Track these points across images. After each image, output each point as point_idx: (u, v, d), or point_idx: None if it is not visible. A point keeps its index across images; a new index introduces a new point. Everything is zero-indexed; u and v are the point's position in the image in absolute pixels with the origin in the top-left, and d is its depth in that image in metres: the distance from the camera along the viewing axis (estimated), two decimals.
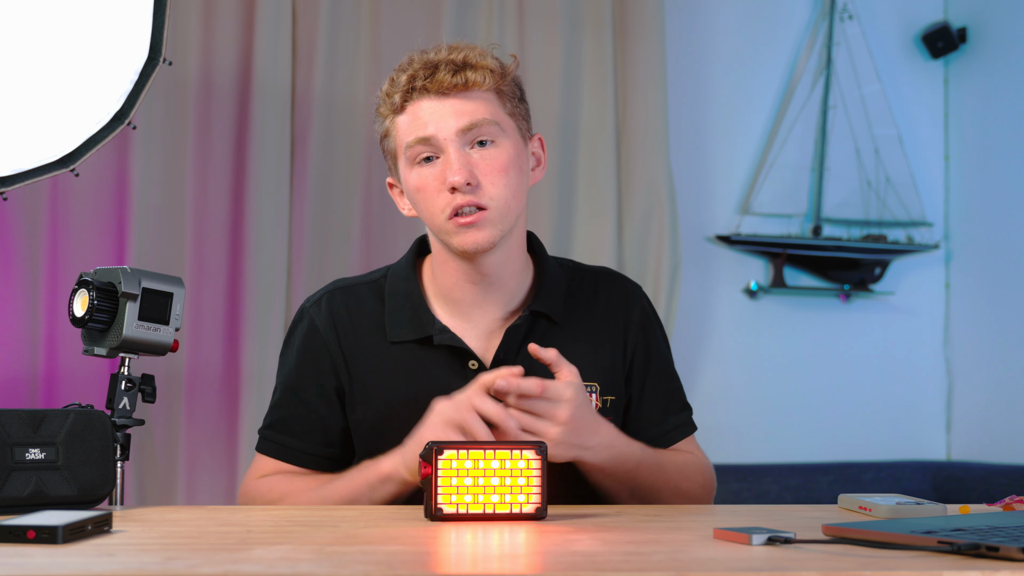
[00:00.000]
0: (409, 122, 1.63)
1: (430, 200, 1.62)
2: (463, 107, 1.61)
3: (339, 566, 1.07)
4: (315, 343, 1.71)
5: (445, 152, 1.61)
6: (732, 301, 3.73)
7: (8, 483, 1.37)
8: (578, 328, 1.72)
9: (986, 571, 1.03)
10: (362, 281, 1.77)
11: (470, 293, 1.68)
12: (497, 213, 1.62)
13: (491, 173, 1.61)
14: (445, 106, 1.61)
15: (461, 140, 1.61)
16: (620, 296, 1.78)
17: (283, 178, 3.16)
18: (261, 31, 3.15)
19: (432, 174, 1.62)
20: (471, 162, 1.61)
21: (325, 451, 1.71)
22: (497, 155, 1.62)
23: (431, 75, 1.60)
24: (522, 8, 3.42)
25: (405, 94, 1.62)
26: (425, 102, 1.61)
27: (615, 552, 1.16)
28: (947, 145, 3.94)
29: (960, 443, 3.85)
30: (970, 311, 3.85)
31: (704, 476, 1.75)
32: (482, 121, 1.61)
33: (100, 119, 2.13)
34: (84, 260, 2.96)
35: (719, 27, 3.77)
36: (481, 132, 1.61)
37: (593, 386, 1.69)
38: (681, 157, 3.61)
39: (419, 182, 1.63)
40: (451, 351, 1.67)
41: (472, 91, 1.62)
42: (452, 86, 1.60)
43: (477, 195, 1.60)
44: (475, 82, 1.61)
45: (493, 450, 1.37)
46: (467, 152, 1.61)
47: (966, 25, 3.88)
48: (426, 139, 1.61)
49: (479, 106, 1.62)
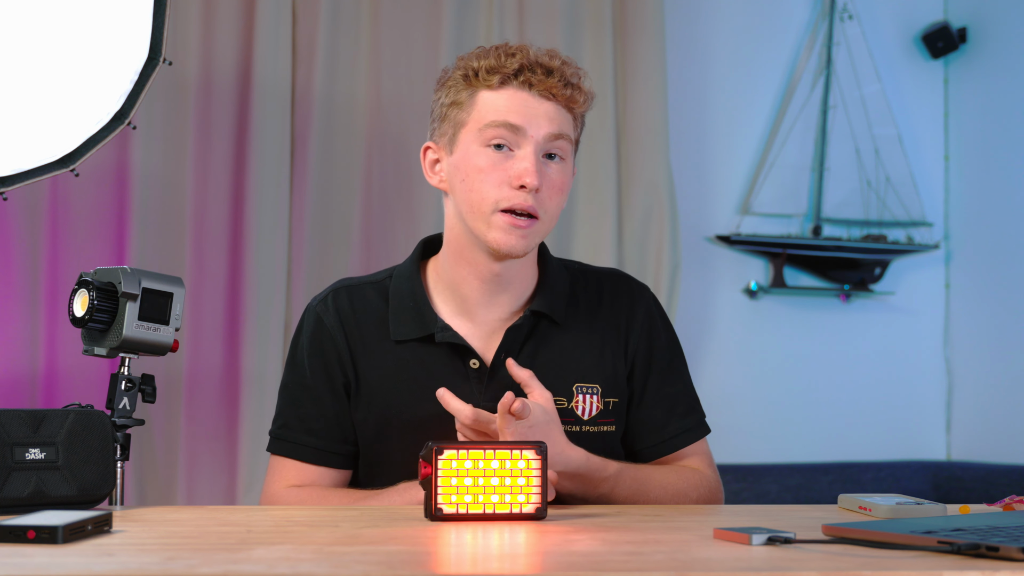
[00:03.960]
0: (504, 103, 1.63)
1: (486, 185, 1.62)
2: (557, 115, 1.64)
3: (339, 566, 1.07)
4: (324, 340, 1.71)
5: (524, 149, 1.62)
6: (732, 301, 3.73)
7: (8, 483, 1.37)
8: (581, 329, 1.72)
9: (986, 571, 1.03)
10: (367, 281, 1.76)
11: (478, 291, 1.68)
12: (545, 226, 1.65)
13: (552, 188, 1.64)
14: (543, 107, 1.63)
15: (542, 146, 1.63)
16: (624, 297, 1.77)
17: (283, 178, 3.16)
18: (261, 31, 3.15)
19: (502, 163, 1.62)
20: (542, 170, 1.63)
21: (343, 448, 1.70)
22: (561, 172, 1.66)
23: (546, 76, 1.63)
24: (522, 8, 3.42)
25: (509, 77, 1.63)
26: (526, 94, 1.63)
27: (615, 552, 1.16)
28: (947, 145, 3.94)
29: (960, 443, 3.85)
30: (970, 311, 3.85)
31: (700, 491, 1.72)
32: (565, 136, 1.65)
33: (100, 119, 2.13)
34: (84, 260, 2.96)
35: (719, 27, 3.76)
36: (559, 146, 1.65)
37: (595, 388, 1.68)
38: (681, 157, 3.61)
39: (486, 164, 1.63)
40: (453, 349, 1.67)
41: (569, 107, 1.66)
42: (558, 95, 1.63)
43: (536, 203, 1.62)
44: (575, 101, 1.66)
45: (493, 450, 1.37)
46: (541, 160, 1.63)
47: (966, 25, 3.88)
48: (514, 127, 1.62)
49: (566, 121, 1.65)
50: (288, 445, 1.71)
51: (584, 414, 1.68)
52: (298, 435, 1.70)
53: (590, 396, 1.69)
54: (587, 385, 1.68)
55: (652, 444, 1.73)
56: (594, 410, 1.69)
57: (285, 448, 1.71)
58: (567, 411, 1.67)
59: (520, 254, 1.63)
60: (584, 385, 1.68)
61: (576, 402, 1.68)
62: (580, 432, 1.66)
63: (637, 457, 1.73)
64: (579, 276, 1.78)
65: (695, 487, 1.71)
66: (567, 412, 1.67)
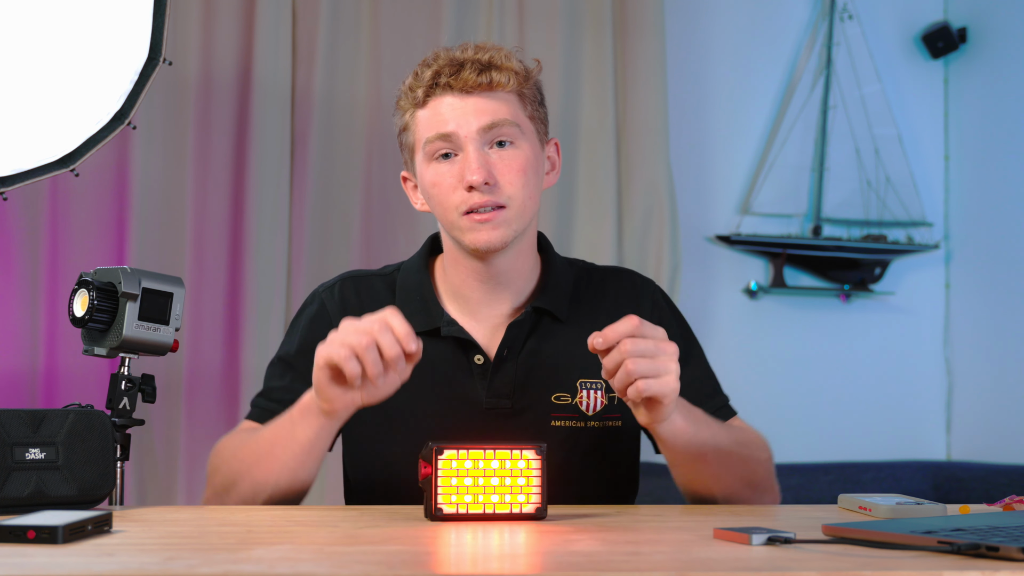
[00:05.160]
0: (430, 117, 1.63)
1: (445, 196, 1.63)
2: (485, 106, 1.62)
3: (339, 566, 1.07)
4: (323, 325, 1.70)
5: (464, 150, 1.61)
6: (732, 301, 3.73)
7: (8, 483, 1.37)
8: (584, 326, 1.71)
9: (986, 571, 1.03)
10: (376, 274, 1.77)
11: (479, 291, 1.69)
12: (514, 212, 1.62)
13: (509, 173, 1.62)
14: (467, 104, 1.61)
15: (481, 139, 1.61)
16: (628, 292, 1.77)
17: (283, 178, 3.16)
18: (261, 31, 3.15)
19: (449, 171, 1.62)
20: (489, 162, 1.61)
21: None
22: (515, 156, 1.63)
23: (456, 73, 1.61)
24: (522, 8, 3.42)
25: (428, 89, 1.62)
26: (448, 98, 1.62)
27: (615, 552, 1.16)
28: (947, 145, 3.94)
29: (960, 443, 3.85)
30: (970, 311, 3.85)
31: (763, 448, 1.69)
32: (503, 121, 1.62)
33: (100, 119, 2.13)
34: (84, 260, 2.96)
35: (719, 27, 3.76)
36: (501, 132, 1.62)
37: (599, 383, 1.68)
38: (681, 157, 3.61)
39: (435, 178, 1.63)
40: (457, 344, 1.67)
41: (495, 91, 1.63)
42: (476, 85, 1.61)
43: (495, 194, 1.61)
44: (499, 83, 1.62)
45: (493, 450, 1.37)
46: (486, 152, 1.62)
47: (966, 25, 3.88)
48: (446, 136, 1.61)
49: (500, 106, 1.63)
50: (258, 411, 1.69)
51: (588, 409, 1.68)
52: (272, 404, 1.68)
53: (594, 391, 1.69)
54: (591, 380, 1.68)
55: None
56: (598, 405, 1.69)
57: (255, 413, 1.69)
58: (571, 407, 1.67)
59: (498, 245, 1.62)
60: (588, 380, 1.68)
61: (580, 398, 1.68)
62: (584, 428, 1.67)
63: None
64: (583, 273, 1.78)
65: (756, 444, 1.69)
66: (571, 408, 1.67)
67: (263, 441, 1.57)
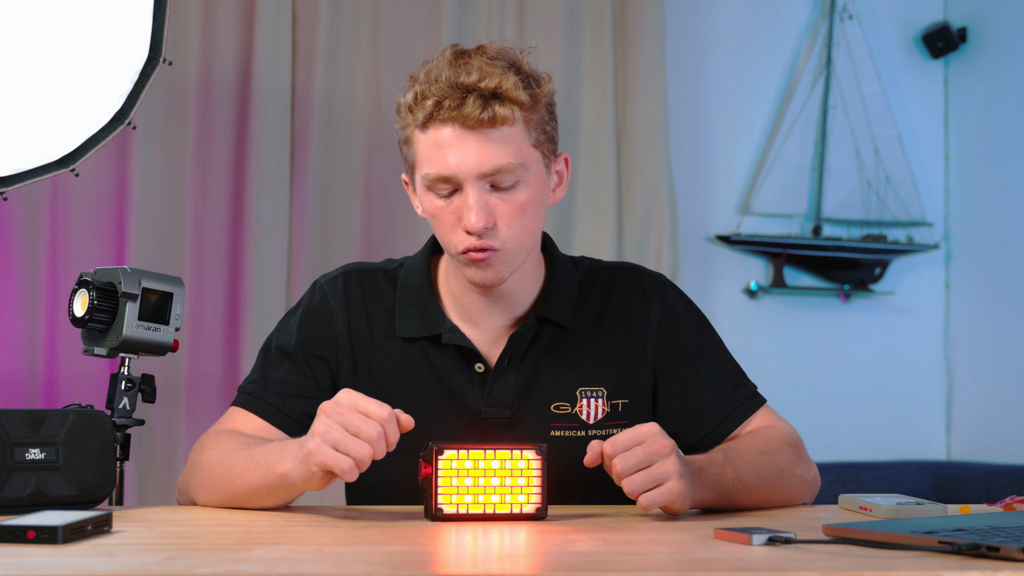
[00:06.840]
0: (431, 147, 1.55)
1: (444, 231, 1.58)
2: (487, 149, 1.53)
3: (339, 566, 1.07)
4: (321, 319, 1.68)
5: (464, 192, 1.55)
6: (732, 301, 3.73)
7: (8, 483, 1.37)
8: (587, 331, 1.70)
9: (986, 571, 1.03)
10: (379, 268, 1.73)
11: (479, 303, 1.66)
12: (508, 255, 1.57)
13: (507, 216, 1.56)
14: (468, 143, 1.53)
15: (482, 181, 1.54)
16: (636, 293, 1.73)
17: (283, 178, 3.16)
18: (261, 31, 3.15)
19: (447, 207, 1.56)
20: (490, 203, 1.55)
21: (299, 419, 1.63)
22: (516, 197, 1.56)
23: (458, 106, 1.52)
24: (522, 8, 3.42)
25: (428, 117, 1.54)
26: (448, 129, 1.53)
27: (615, 552, 1.16)
28: (947, 145, 3.94)
29: (960, 443, 3.85)
30: (970, 311, 3.85)
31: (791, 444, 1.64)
32: (506, 167, 1.54)
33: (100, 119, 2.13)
34: (84, 260, 2.96)
35: (719, 27, 3.77)
36: (503, 178, 1.55)
37: (600, 391, 1.66)
38: (681, 157, 3.61)
39: (434, 211, 1.58)
40: (459, 351, 1.65)
41: (499, 128, 1.54)
42: (478, 122, 1.52)
43: (491, 238, 1.55)
44: (503, 118, 1.53)
45: (493, 450, 1.37)
46: (487, 193, 1.55)
47: (966, 25, 3.88)
48: (446, 178, 1.54)
49: (503, 149, 1.54)
50: (248, 398, 1.65)
51: (589, 418, 1.67)
52: (260, 391, 1.65)
53: (595, 400, 1.67)
54: (591, 389, 1.67)
55: (710, 429, 1.68)
56: (600, 413, 1.67)
57: (245, 400, 1.65)
58: (571, 416, 1.65)
59: (494, 283, 1.59)
60: (588, 389, 1.67)
61: (580, 407, 1.66)
62: (586, 437, 1.65)
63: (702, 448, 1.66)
64: (589, 274, 1.74)
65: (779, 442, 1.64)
66: (571, 417, 1.65)
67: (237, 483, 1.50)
